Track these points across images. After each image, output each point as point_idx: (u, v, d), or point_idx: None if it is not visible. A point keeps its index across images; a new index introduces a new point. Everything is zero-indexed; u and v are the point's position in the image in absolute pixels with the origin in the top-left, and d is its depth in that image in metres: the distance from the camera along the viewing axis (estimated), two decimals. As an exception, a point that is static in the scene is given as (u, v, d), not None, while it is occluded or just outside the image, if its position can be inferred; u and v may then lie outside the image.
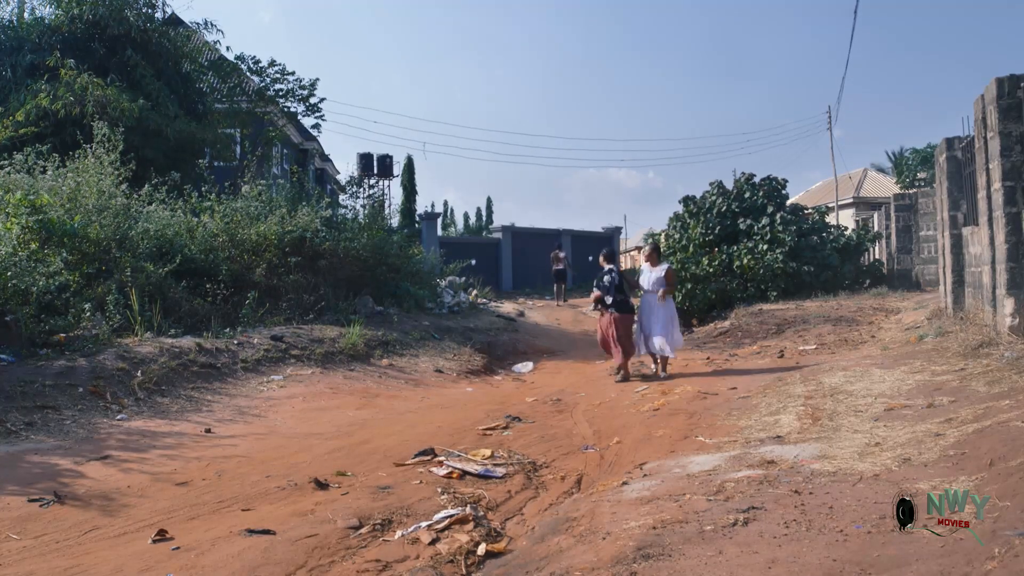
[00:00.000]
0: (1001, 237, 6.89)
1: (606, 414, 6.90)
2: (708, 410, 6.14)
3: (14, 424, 5.74)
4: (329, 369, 9.05)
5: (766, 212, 16.70)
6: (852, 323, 11.45)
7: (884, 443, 4.29)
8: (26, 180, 8.99)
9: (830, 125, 32.93)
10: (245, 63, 17.45)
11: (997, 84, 6.86)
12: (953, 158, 9.72)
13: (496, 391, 9.31)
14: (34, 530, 3.79)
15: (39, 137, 11.14)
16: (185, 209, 11.02)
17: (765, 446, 4.60)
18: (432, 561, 3.30)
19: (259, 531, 3.66)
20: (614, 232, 32.43)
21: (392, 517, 3.91)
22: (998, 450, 3.58)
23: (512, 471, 4.97)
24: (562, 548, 3.23)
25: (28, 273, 7.48)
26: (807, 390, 6.41)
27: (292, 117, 19.83)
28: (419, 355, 10.78)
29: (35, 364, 6.92)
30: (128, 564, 3.33)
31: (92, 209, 9.12)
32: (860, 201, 32.65)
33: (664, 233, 18.49)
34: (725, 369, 8.85)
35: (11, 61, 13.26)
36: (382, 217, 17.26)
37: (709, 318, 15.65)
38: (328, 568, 3.28)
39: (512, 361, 12.18)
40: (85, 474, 4.73)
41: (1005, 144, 6.78)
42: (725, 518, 3.21)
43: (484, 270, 24.23)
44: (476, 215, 63.74)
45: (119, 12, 13.67)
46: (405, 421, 6.84)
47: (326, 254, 12.30)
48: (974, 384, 5.44)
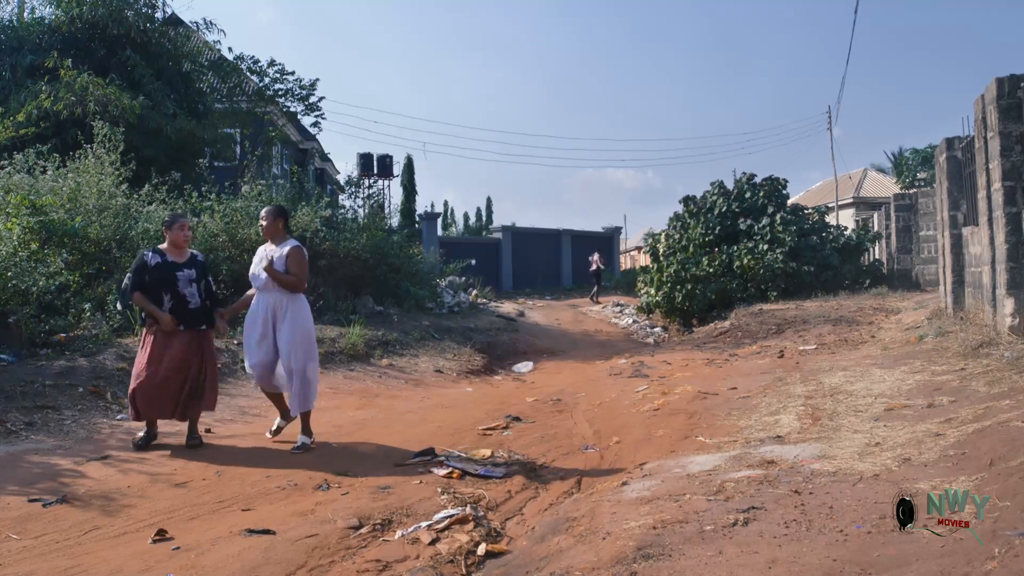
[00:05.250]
0: (1001, 237, 6.88)
1: (606, 414, 6.90)
2: (708, 410, 6.14)
3: (14, 424, 5.73)
4: (329, 369, 9.05)
5: (766, 212, 16.71)
6: (852, 323, 11.45)
7: (884, 443, 4.29)
8: (27, 180, 8.99)
9: (830, 125, 32.95)
10: (245, 63, 17.45)
11: (997, 84, 6.86)
12: (953, 158, 9.72)
13: (496, 391, 9.31)
14: (34, 530, 3.79)
15: (40, 138, 11.13)
16: (185, 209, 11.02)
17: (765, 446, 4.60)
18: (432, 561, 3.30)
19: (259, 531, 3.66)
20: (614, 232, 32.46)
21: (392, 517, 3.91)
22: (998, 450, 3.58)
23: (512, 471, 4.97)
24: (562, 548, 3.23)
25: (28, 273, 7.48)
26: (807, 390, 6.41)
27: (292, 117, 19.83)
28: (419, 355, 10.78)
29: (35, 364, 6.92)
30: (128, 564, 3.33)
31: (92, 209, 9.11)
32: (860, 201, 32.66)
33: (664, 233, 18.50)
34: (725, 369, 8.85)
35: (11, 61, 13.26)
36: (382, 217, 17.28)
37: (709, 318, 15.66)
38: (328, 568, 3.28)
39: (512, 361, 12.18)
40: (85, 474, 4.73)
41: (1005, 144, 6.78)
42: (725, 518, 3.21)
43: (484, 270, 24.23)
44: (476, 215, 63.77)
45: (119, 12, 13.67)
46: (405, 421, 6.84)
47: (326, 254, 12.31)
48: (974, 384, 5.44)
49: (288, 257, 5.38)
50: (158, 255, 5.40)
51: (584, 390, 8.62)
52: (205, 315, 5.54)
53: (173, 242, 5.46)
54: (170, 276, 5.35)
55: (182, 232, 5.47)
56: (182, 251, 5.51)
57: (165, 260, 5.39)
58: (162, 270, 5.35)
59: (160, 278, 5.33)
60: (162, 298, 5.33)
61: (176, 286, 5.36)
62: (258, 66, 17.61)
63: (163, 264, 5.37)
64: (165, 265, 5.37)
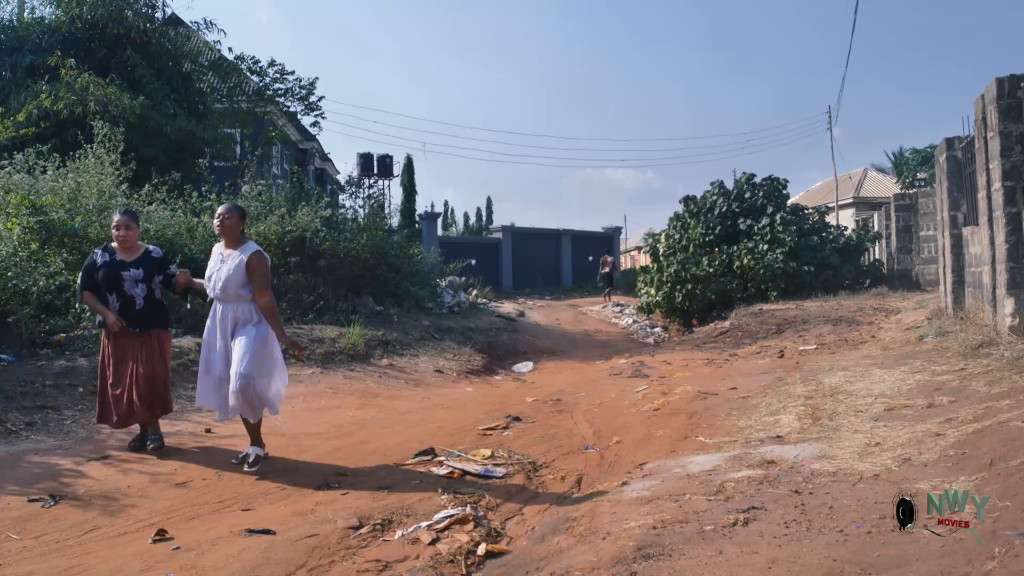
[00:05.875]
0: (1001, 237, 6.89)
1: (606, 414, 6.89)
2: (708, 410, 6.14)
3: (14, 424, 5.74)
4: (329, 369, 9.05)
5: (766, 212, 16.71)
6: (852, 323, 11.45)
7: (884, 443, 4.29)
8: (27, 180, 8.99)
9: (830, 125, 32.94)
10: (245, 63, 17.45)
11: (997, 84, 6.86)
12: (953, 158, 9.72)
13: (496, 391, 9.30)
14: (34, 530, 3.79)
15: (40, 137, 11.13)
16: (185, 209, 11.01)
17: (765, 446, 4.60)
18: (432, 561, 3.30)
19: (259, 531, 3.66)
20: (614, 232, 32.45)
21: (392, 517, 3.92)
22: (998, 450, 3.58)
23: (512, 471, 4.97)
24: (562, 548, 3.23)
25: (28, 273, 7.49)
26: (807, 390, 6.41)
27: (292, 117, 19.82)
28: (419, 355, 10.78)
29: (35, 364, 6.92)
30: (128, 564, 3.33)
31: (92, 209, 9.11)
32: (860, 201, 32.64)
33: (664, 233, 18.51)
34: (725, 369, 8.85)
35: (11, 61, 13.26)
36: (382, 217, 17.27)
37: (709, 318, 15.66)
38: (328, 568, 3.28)
39: (512, 361, 12.18)
40: (85, 474, 4.73)
41: (1005, 144, 6.78)
42: (725, 518, 3.21)
43: (484, 270, 24.25)
44: (476, 215, 63.83)
45: (119, 12, 13.67)
46: (405, 421, 6.84)
47: (326, 254, 12.31)
48: (974, 384, 5.44)
49: (249, 265, 4.72)
50: (107, 254, 5.17)
51: (584, 390, 8.62)
52: (156, 316, 5.23)
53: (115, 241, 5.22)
54: (116, 275, 5.09)
55: (117, 231, 5.16)
56: (131, 249, 5.21)
57: (113, 259, 5.14)
58: (109, 269, 5.11)
59: (107, 277, 5.09)
60: (108, 298, 5.10)
61: (122, 286, 5.09)
62: (258, 66, 17.61)
63: (110, 263, 5.13)
64: (112, 264, 5.12)
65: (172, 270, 5.29)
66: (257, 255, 4.74)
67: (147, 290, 5.15)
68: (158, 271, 5.22)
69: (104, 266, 5.13)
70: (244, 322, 4.77)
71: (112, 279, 5.11)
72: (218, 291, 4.78)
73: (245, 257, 4.72)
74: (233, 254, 4.78)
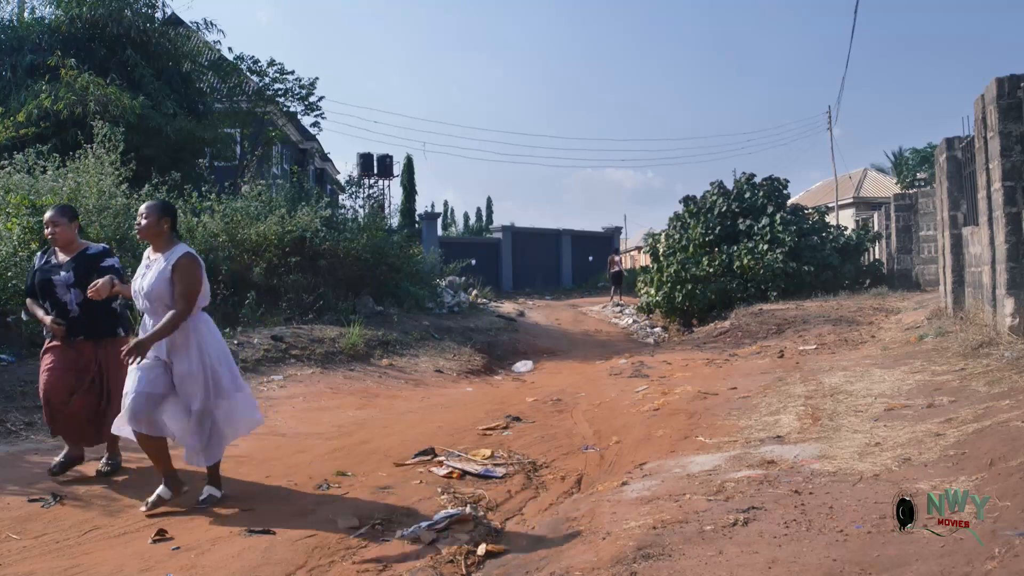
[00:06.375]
0: (1001, 237, 6.88)
1: (606, 414, 6.89)
2: (708, 410, 6.14)
3: (14, 424, 5.74)
4: (329, 369, 9.05)
5: (766, 212, 16.71)
6: (852, 323, 11.45)
7: (884, 443, 4.29)
8: (27, 180, 8.99)
9: (830, 125, 32.93)
10: (245, 63, 17.45)
11: (997, 84, 6.86)
12: (953, 158, 9.72)
13: (496, 391, 9.30)
14: (34, 530, 3.79)
15: (40, 137, 11.12)
16: (185, 209, 11.02)
17: (765, 446, 4.60)
18: (432, 561, 3.30)
19: (259, 531, 3.66)
20: (614, 232, 32.46)
21: (392, 517, 3.92)
22: (998, 450, 3.58)
23: (512, 471, 4.97)
24: (562, 548, 3.23)
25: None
26: (807, 390, 6.41)
27: (292, 117, 19.82)
28: (419, 355, 10.78)
29: (35, 364, 6.91)
30: (128, 564, 3.33)
31: (92, 209, 9.11)
32: (860, 201, 32.65)
33: (664, 233, 18.51)
34: (725, 369, 8.84)
35: (11, 61, 13.26)
36: (382, 217, 17.29)
37: (709, 318, 15.66)
38: (328, 568, 3.28)
39: (512, 361, 12.18)
40: (85, 473, 4.72)
41: (1005, 144, 6.78)
42: (725, 518, 3.21)
43: (484, 270, 24.26)
44: (476, 215, 63.84)
45: (119, 12, 13.66)
46: (405, 421, 6.84)
47: (326, 254, 12.32)
48: (974, 384, 5.44)
49: (176, 271, 3.94)
50: (45, 256, 4.61)
51: (584, 390, 8.61)
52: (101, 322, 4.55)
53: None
54: (46, 279, 4.49)
55: (46, 230, 4.58)
56: (68, 248, 4.55)
57: (47, 261, 4.55)
58: (41, 273, 4.52)
59: (40, 282, 4.51)
60: (44, 304, 4.52)
61: (54, 291, 4.46)
62: (258, 66, 17.61)
63: (44, 266, 4.54)
64: (45, 267, 4.53)
65: (109, 263, 4.54)
66: (186, 258, 3.98)
67: (81, 295, 4.39)
68: (96, 270, 4.44)
69: (39, 270, 4.56)
70: (183, 337, 3.99)
71: (43, 284, 4.51)
72: (143, 302, 4.03)
73: (170, 264, 3.97)
74: (159, 259, 4.02)
